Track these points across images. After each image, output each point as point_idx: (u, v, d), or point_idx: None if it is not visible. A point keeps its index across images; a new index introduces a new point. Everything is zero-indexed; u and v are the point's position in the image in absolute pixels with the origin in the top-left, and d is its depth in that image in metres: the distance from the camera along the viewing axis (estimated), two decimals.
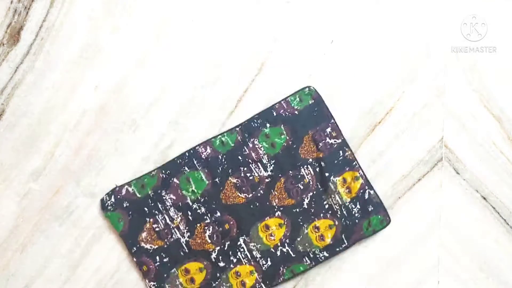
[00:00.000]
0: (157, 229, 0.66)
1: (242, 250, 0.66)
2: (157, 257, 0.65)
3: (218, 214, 0.66)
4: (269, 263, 0.66)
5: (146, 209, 0.66)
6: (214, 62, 0.68)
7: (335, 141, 0.66)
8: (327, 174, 0.66)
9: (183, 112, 0.68)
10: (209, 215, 0.66)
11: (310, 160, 0.66)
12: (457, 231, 0.70)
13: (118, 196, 0.66)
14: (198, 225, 0.66)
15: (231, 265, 0.66)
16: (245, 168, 0.66)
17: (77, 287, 0.67)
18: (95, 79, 0.66)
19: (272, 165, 0.66)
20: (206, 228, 0.66)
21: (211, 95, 0.68)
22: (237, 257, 0.66)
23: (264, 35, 0.68)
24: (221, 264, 0.66)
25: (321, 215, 0.66)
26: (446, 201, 0.69)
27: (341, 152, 0.66)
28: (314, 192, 0.66)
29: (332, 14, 0.68)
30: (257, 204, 0.66)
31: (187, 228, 0.66)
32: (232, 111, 0.68)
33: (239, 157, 0.66)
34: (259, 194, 0.66)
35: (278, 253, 0.66)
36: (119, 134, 0.67)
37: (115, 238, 0.67)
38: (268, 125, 0.66)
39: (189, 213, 0.66)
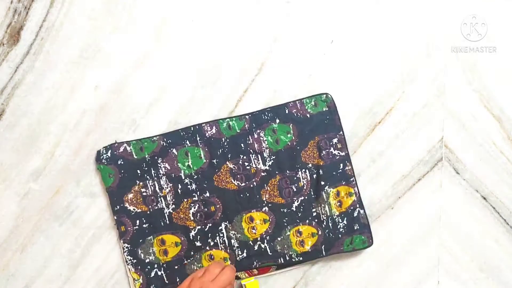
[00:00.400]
0: (144, 193, 0.66)
1: (221, 235, 0.66)
2: (137, 221, 0.65)
3: (207, 194, 0.66)
4: (244, 255, 0.66)
5: (139, 171, 0.65)
6: (214, 62, 0.68)
7: (338, 153, 0.66)
8: (322, 183, 0.66)
9: (183, 112, 0.68)
10: (198, 193, 0.66)
11: (310, 165, 0.66)
12: (457, 231, 0.70)
13: (115, 152, 0.65)
14: (185, 200, 0.66)
15: (207, 247, 0.66)
16: (245, 157, 0.66)
17: (77, 287, 0.67)
18: (95, 79, 0.66)
19: (272, 161, 0.66)
20: (192, 205, 0.66)
21: (211, 95, 0.68)
22: (215, 241, 0.66)
23: (264, 35, 0.68)
24: (198, 243, 0.66)
25: (307, 221, 0.66)
26: (446, 201, 0.69)
27: (341, 165, 0.66)
28: (306, 197, 0.66)
29: (332, 14, 0.68)
30: (248, 194, 0.66)
31: (173, 200, 0.66)
32: (232, 111, 0.68)
33: (242, 145, 0.66)
34: (251, 186, 0.66)
35: (256, 247, 0.66)
36: (119, 134, 0.67)
37: (115, 238, 0.67)
38: (277, 120, 0.66)
39: (179, 187, 0.66)
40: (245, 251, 0.66)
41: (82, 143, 0.67)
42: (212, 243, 0.66)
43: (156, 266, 0.66)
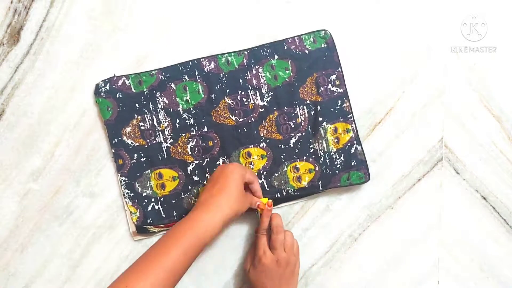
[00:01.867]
0: (142, 127, 0.66)
1: None
2: (135, 155, 0.66)
3: (205, 129, 0.66)
4: None
5: (137, 105, 0.66)
6: None
7: (336, 89, 0.66)
8: (320, 119, 0.66)
9: None
10: (196, 128, 0.66)
11: (308, 101, 0.67)
12: (457, 231, 0.70)
13: (114, 86, 0.65)
14: (183, 134, 0.66)
15: (205, 182, 0.66)
16: (243, 93, 0.66)
17: (77, 287, 0.67)
18: (95, 79, 0.66)
19: (270, 97, 0.66)
20: (190, 139, 0.66)
21: None
22: None
23: (264, 35, 0.68)
24: (195, 178, 0.66)
25: (304, 157, 0.66)
26: (446, 201, 0.69)
27: (339, 101, 0.67)
28: (303, 134, 0.66)
29: (332, 14, 0.68)
30: (245, 130, 0.66)
31: (171, 134, 0.66)
32: None
33: (240, 80, 0.66)
34: (249, 121, 0.66)
35: None
36: None
37: (115, 238, 0.67)
38: (276, 56, 0.66)
39: (177, 121, 0.66)
40: None
41: (82, 143, 0.67)
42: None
43: (153, 200, 0.66)
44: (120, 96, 0.65)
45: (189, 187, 0.66)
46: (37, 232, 0.67)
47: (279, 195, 0.67)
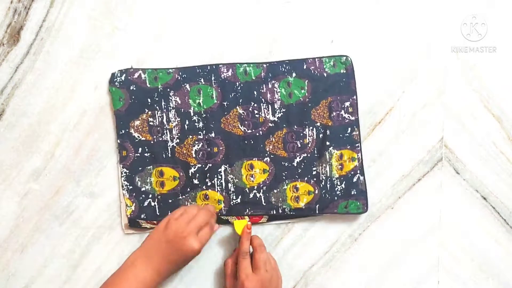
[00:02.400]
0: (151, 123, 0.66)
1: (219, 177, 0.66)
2: (140, 149, 0.66)
3: (213, 135, 0.66)
4: (238, 200, 0.66)
5: (149, 100, 0.66)
6: (214, 62, 0.68)
7: (349, 116, 0.67)
8: (327, 143, 0.66)
9: None
10: (204, 131, 0.66)
11: (318, 124, 0.67)
12: (457, 231, 0.70)
13: (129, 77, 0.66)
14: (190, 137, 0.66)
15: (204, 187, 0.66)
16: (255, 105, 0.66)
17: (77, 287, 0.67)
18: (95, 79, 0.66)
19: (281, 113, 0.66)
20: (196, 142, 0.66)
21: None
22: (212, 182, 0.66)
23: (264, 35, 0.68)
24: (195, 181, 0.66)
25: (306, 178, 0.67)
26: (446, 201, 0.69)
27: (349, 129, 0.67)
28: (308, 155, 0.66)
29: (332, 14, 0.68)
30: (252, 142, 0.66)
31: (178, 135, 0.66)
32: None
33: (255, 92, 0.66)
34: (257, 134, 0.66)
35: (251, 195, 0.66)
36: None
37: (115, 238, 0.67)
38: (294, 74, 0.66)
39: (187, 122, 0.66)
40: (240, 197, 0.66)
41: (82, 143, 0.67)
42: (209, 183, 0.66)
43: (150, 196, 0.66)
44: (134, 88, 0.65)
45: (188, 189, 0.66)
46: (37, 232, 0.67)
47: (274, 212, 0.66)
